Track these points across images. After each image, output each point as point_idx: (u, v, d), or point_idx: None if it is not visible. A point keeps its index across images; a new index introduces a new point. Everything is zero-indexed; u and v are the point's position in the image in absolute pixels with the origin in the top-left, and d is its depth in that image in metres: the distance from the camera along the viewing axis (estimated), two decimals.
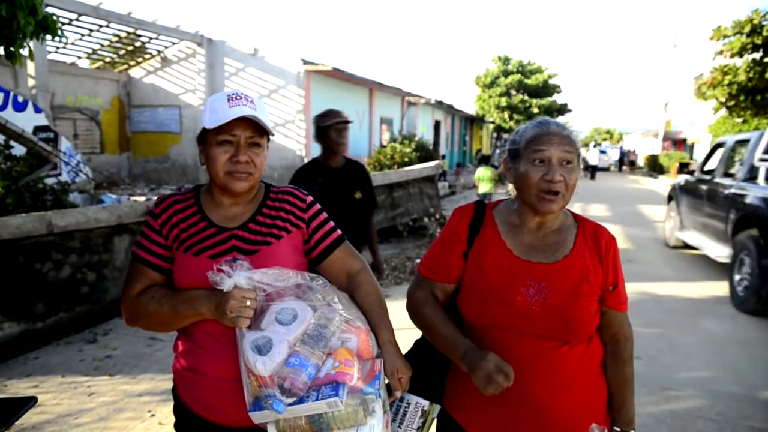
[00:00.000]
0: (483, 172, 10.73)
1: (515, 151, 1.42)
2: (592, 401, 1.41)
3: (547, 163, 1.34)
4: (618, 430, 1.43)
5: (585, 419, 1.35)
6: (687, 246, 8.08)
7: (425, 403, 1.42)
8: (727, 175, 6.80)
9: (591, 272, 1.37)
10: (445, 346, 1.40)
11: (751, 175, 6.03)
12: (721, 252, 6.25)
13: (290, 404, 1.17)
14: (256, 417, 1.20)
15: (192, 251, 1.38)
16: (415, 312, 1.50)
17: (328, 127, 3.12)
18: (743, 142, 6.67)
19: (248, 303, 1.23)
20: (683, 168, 8.70)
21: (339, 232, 1.54)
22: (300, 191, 1.53)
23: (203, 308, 1.30)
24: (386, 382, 1.34)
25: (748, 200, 5.69)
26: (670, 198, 8.89)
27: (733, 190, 6.15)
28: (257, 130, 1.39)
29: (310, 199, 1.52)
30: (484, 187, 10.57)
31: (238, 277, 1.24)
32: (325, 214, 1.54)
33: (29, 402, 1.77)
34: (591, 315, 1.37)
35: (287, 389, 1.17)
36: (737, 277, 5.58)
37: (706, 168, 7.71)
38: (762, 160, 5.85)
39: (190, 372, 1.41)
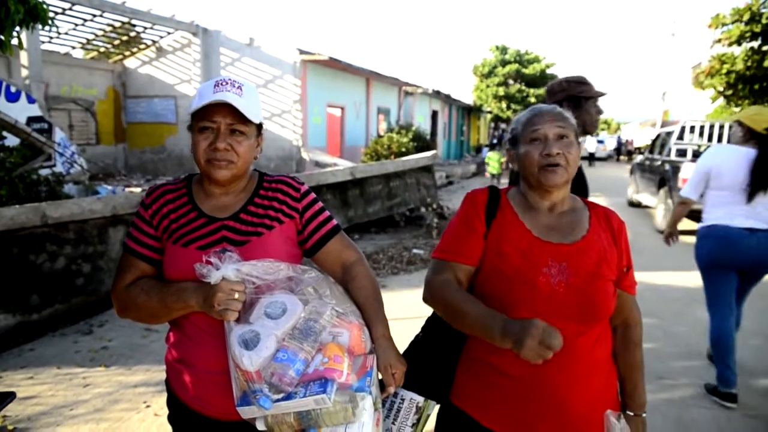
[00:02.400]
0: (492, 155, 14.23)
1: (514, 138, 1.48)
2: (606, 390, 1.42)
3: (543, 139, 1.40)
4: (631, 414, 1.44)
5: (600, 408, 1.36)
6: (640, 205, 11.46)
7: (420, 399, 1.38)
8: (660, 153, 10.22)
9: (608, 252, 1.40)
10: (479, 326, 1.30)
11: (669, 153, 9.67)
12: (652, 202, 9.83)
13: (277, 400, 1.14)
14: (244, 412, 1.18)
15: (181, 242, 1.35)
16: (437, 297, 1.41)
17: (593, 100, 2.19)
18: (670, 133, 10.26)
19: (236, 296, 1.20)
20: (639, 150, 13.83)
21: (334, 222, 1.48)
22: (295, 180, 1.47)
23: (191, 300, 1.27)
24: (379, 377, 1.31)
25: (664, 168, 9.21)
26: (631, 171, 12.39)
27: (658, 163, 9.76)
28: (239, 116, 1.33)
29: (304, 188, 1.46)
30: (492, 168, 13.89)
31: (226, 270, 1.20)
32: (320, 204, 1.48)
33: (6, 398, 1.74)
34: (611, 295, 1.38)
35: (274, 385, 1.14)
36: (659, 217, 9.10)
37: (652, 150, 11.08)
38: (675, 143, 9.66)
39: (181, 364, 1.39)
